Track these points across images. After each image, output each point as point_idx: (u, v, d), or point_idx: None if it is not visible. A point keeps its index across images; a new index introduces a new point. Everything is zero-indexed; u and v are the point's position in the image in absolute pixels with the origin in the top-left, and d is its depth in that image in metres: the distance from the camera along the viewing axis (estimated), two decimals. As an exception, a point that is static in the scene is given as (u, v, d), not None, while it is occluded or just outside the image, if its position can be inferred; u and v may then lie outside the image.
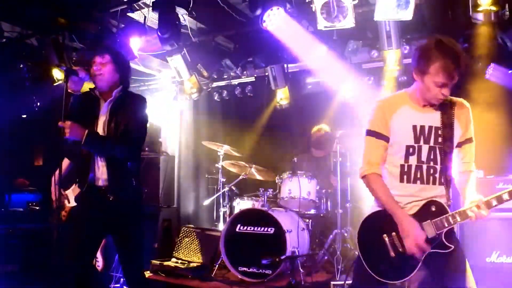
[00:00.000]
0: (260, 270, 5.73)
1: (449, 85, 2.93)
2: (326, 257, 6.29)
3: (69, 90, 3.60)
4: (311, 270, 6.01)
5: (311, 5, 5.67)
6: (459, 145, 3.11)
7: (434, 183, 3.05)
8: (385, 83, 7.32)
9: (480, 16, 5.30)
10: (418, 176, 3.05)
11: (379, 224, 3.07)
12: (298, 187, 6.24)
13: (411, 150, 3.05)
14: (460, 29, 6.28)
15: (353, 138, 6.48)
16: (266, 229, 5.87)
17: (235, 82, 8.70)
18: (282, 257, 5.56)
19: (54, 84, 7.30)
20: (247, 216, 6.05)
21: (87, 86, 3.86)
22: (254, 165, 6.93)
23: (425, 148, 3.05)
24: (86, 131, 3.55)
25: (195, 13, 6.41)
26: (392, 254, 2.98)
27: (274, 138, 8.38)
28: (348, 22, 5.58)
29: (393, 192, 3.06)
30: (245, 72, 8.49)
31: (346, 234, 6.22)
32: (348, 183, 6.49)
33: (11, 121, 8.06)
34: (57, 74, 7.26)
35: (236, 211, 6.59)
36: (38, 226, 6.67)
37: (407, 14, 5.30)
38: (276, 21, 5.82)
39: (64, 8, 6.40)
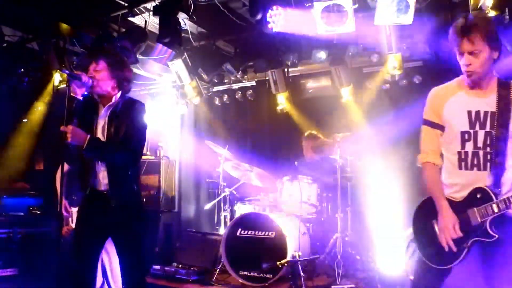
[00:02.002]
0: (261, 274, 5.73)
1: (466, 53, 2.91)
2: (326, 261, 6.28)
3: (71, 95, 3.59)
4: (312, 274, 6.01)
5: (312, 10, 5.69)
6: None
7: (490, 169, 2.97)
8: (386, 87, 7.34)
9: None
10: (475, 162, 2.99)
11: (431, 209, 3.11)
12: (299, 191, 6.24)
13: (466, 136, 3.01)
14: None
15: (353, 142, 6.49)
16: (267, 233, 5.87)
17: (235, 86, 8.71)
18: (283, 261, 5.56)
19: (55, 89, 7.31)
20: (248, 220, 6.05)
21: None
22: (255, 169, 6.92)
23: (481, 134, 2.99)
24: (88, 137, 3.54)
25: (195, 17, 6.42)
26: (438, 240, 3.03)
27: (275, 143, 8.38)
28: (348, 26, 5.59)
29: (452, 180, 3.08)
30: (245, 76, 8.49)
31: (346, 238, 6.22)
32: (349, 187, 6.49)
33: (12, 125, 8.08)
34: (58, 78, 7.27)
35: (237, 215, 6.58)
36: (39, 230, 6.66)
37: (407, 18, 5.32)
38: (280, 20, 5.80)
39: (65, 12, 6.41)
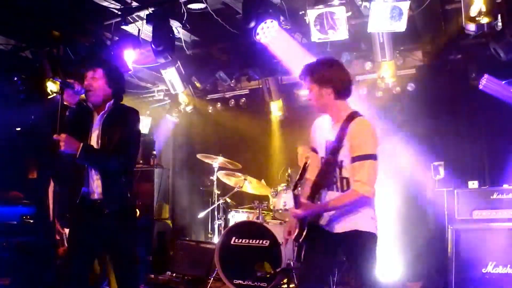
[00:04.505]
0: (255, 283, 5.70)
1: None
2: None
3: (64, 103, 3.58)
4: (307, 282, 5.97)
5: (305, 17, 5.70)
6: None
7: None
8: (379, 95, 7.34)
9: (472, 27, 5.33)
10: None
11: None
12: (293, 199, 6.19)
13: None
14: (453, 40, 6.31)
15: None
16: (261, 241, 5.84)
17: (229, 94, 8.70)
18: (278, 270, 5.54)
19: (48, 97, 7.28)
20: (242, 229, 6.03)
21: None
22: (248, 178, 6.91)
23: None
24: (81, 144, 3.53)
25: (189, 25, 6.42)
26: None
27: (269, 151, 8.36)
28: (341, 34, 5.61)
29: None
30: (239, 84, 8.49)
31: (341, 246, 6.18)
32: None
33: (5, 134, 8.02)
34: (51, 87, 7.23)
35: (231, 223, 6.56)
36: (32, 239, 6.62)
37: (401, 26, 5.33)
38: (269, 34, 5.84)
39: (59, 21, 6.40)
